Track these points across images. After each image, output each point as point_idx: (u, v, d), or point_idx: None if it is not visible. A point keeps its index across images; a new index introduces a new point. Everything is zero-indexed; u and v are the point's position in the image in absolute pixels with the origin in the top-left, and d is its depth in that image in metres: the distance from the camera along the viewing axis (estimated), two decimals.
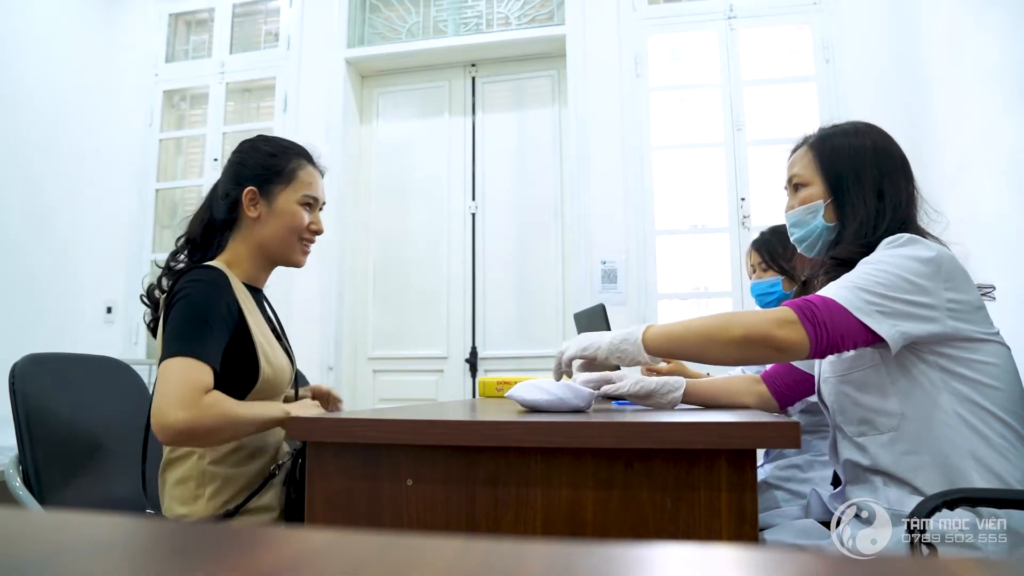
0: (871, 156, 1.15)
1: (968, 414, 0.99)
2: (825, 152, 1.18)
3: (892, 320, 0.98)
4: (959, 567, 0.22)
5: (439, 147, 3.32)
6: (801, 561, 0.23)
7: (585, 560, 0.22)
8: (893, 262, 1.01)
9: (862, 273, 1.02)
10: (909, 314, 0.98)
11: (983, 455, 0.98)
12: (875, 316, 0.97)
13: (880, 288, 0.99)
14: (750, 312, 1.07)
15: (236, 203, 1.26)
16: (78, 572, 0.21)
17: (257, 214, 1.26)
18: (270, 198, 1.26)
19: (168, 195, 3.55)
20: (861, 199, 1.13)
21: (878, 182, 1.13)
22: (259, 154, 1.29)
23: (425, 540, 0.24)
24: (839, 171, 1.16)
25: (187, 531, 0.30)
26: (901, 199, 1.13)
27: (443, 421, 0.86)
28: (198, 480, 1.15)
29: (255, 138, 1.35)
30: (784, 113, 2.95)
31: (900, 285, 0.99)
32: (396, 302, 3.27)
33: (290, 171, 1.28)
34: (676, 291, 3.00)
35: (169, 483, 1.18)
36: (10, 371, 1.21)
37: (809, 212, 1.19)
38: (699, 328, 1.04)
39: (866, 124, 1.21)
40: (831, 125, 1.23)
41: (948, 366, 1.01)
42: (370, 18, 3.41)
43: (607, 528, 0.80)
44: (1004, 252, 1.96)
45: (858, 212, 1.13)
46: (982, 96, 2.15)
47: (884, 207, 1.12)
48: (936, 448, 1.00)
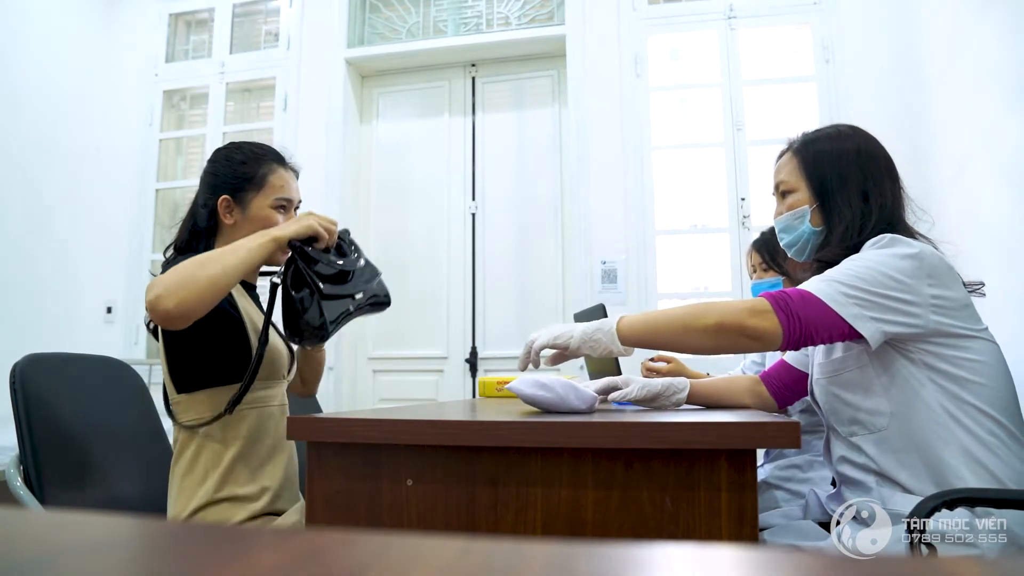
0: (855, 159, 1.15)
1: (956, 411, 1.00)
2: (809, 157, 1.19)
3: (871, 314, 0.98)
4: (958, 567, 0.22)
5: (439, 147, 3.32)
6: (801, 561, 0.23)
7: (585, 560, 0.23)
8: (875, 258, 1.02)
9: (843, 269, 1.03)
10: (889, 308, 0.99)
11: (973, 452, 0.98)
12: (852, 309, 0.98)
13: (860, 283, 0.99)
14: (725, 301, 1.07)
15: (214, 211, 1.29)
16: (78, 572, 0.21)
17: (233, 221, 1.29)
18: (243, 205, 1.29)
19: (168, 195, 3.55)
20: (846, 202, 1.14)
21: (862, 185, 1.14)
22: (230, 163, 1.32)
23: (425, 540, 0.24)
24: (823, 175, 1.17)
25: (187, 531, 0.30)
26: (886, 200, 1.14)
27: (443, 421, 0.86)
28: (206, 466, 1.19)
29: (227, 146, 1.37)
30: (784, 113, 2.95)
31: (881, 281, 0.99)
32: (396, 302, 3.24)
33: (260, 177, 1.30)
34: (676, 291, 3.00)
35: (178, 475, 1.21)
36: (11, 371, 1.22)
37: (796, 217, 1.20)
38: (673, 317, 1.04)
39: (850, 127, 1.21)
40: (815, 130, 1.23)
41: (934, 363, 1.01)
42: (370, 18, 3.41)
43: (607, 528, 0.80)
44: (1003, 251, 1.96)
45: (844, 215, 1.14)
46: (982, 96, 2.15)
47: (870, 209, 1.13)
48: (926, 446, 1.00)
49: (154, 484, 1.39)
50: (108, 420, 1.37)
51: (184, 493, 1.19)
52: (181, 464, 1.21)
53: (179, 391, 1.22)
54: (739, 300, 1.05)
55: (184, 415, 1.22)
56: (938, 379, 1.01)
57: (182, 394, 1.22)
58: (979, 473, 0.97)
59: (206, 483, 1.18)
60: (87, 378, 1.40)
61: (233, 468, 1.19)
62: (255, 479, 1.22)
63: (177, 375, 1.22)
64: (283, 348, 1.33)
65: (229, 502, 1.18)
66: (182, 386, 1.22)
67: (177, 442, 1.23)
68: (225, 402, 1.19)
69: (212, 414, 1.20)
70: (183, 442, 1.22)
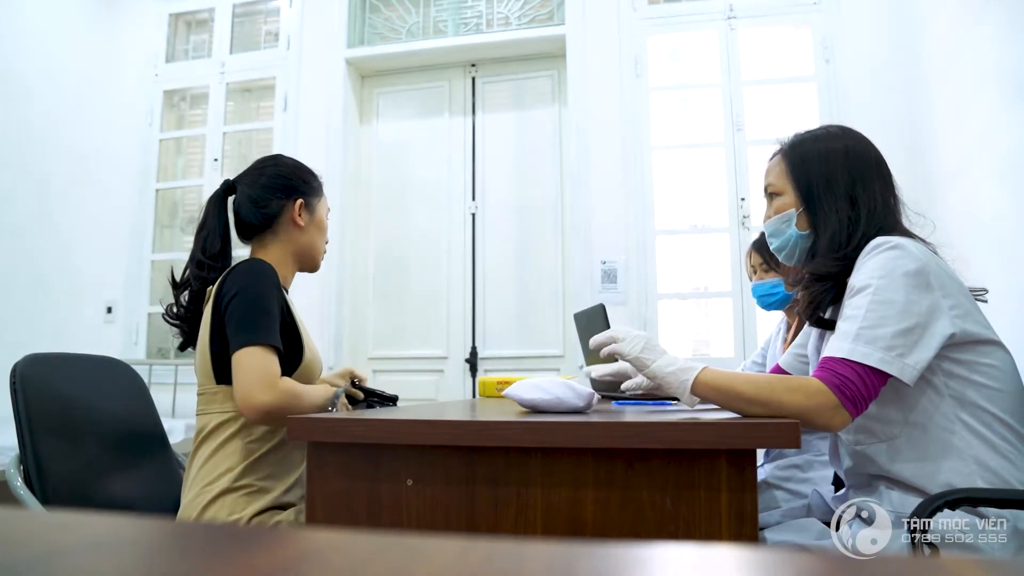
0: (842, 161, 1.12)
1: (971, 419, 0.98)
2: (796, 160, 1.16)
3: (910, 359, 0.96)
4: (960, 567, 0.22)
5: (439, 147, 3.32)
6: (801, 561, 0.23)
7: (585, 560, 0.22)
8: (888, 286, 0.98)
9: (867, 312, 0.98)
10: (921, 340, 0.96)
11: (987, 460, 0.97)
12: (896, 363, 0.95)
13: (890, 325, 0.96)
14: (792, 388, 0.97)
15: (278, 213, 1.38)
16: (78, 572, 0.21)
17: (303, 223, 1.41)
18: (312, 210, 1.43)
19: (168, 195, 3.55)
20: (833, 207, 1.10)
21: (850, 188, 1.11)
22: (301, 170, 1.45)
23: (425, 540, 0.24)
24: (809, 178, 1.13)
25: (187, 531, 0.30)
26: (876, 204, 1.10)
27: (443, 421, 0.86)
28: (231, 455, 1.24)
29: (281, 156, 1.49)
30: (784, 113, 2.95)
31: (904, 312, 0.96)
32: (396, 302, 3.27)
33: (319, 186, 1.47)
34: (676, 291, 3.00)
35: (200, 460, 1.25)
36: (11, 371, 1.21)
37: (783, 221, 1.17)
38: (750, 397, 0.97)
39: (839, 127, 1.18)
40: (805, 131, 1.21)
41: (954, 370, 1.00)
42: (370, 18, 3.41)
43: (607, 528, 0.80)
44: (1002, 252, 1.96)
45: (830, 220, 1.10)
46: (982, 96, 2.15)
47: (857, 214, 1.09)
48: (940, 455, 0.99)
49: (154, 484, 1.39)
50: (108, 420, 1.37)
51: (203, 478, 1.22)
52: (204, 450, 1.25)
53: (219, 382, 1.26)
54: (804, 388, 0.96)
55: (220, 405, 1.26)
56: (955, 386, 1.00)
57: (221, 385, 1.25)
58: (992, 479, 0.96)
59: (230, 472, 1.22)
60: (87, 378, 1.40)
61: (257, 459, 1.24)
62: (275, 473, 1.26)
63: (221, 367, 1.25)
64: (319, 356, 1.41)
65: (246, 491, 1.21)
66: (224, 377, 1.25)
67: (204, 430, 1.26)
68: None
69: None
70: (211, 430, 1.25)
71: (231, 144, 3.50)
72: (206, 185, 3.39)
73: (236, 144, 3.52)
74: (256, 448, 1.24)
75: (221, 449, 1.24)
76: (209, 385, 1.27)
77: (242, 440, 1.24)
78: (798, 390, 0.96)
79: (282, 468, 1.27)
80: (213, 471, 1.22)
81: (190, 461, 1.27)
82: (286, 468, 1.28)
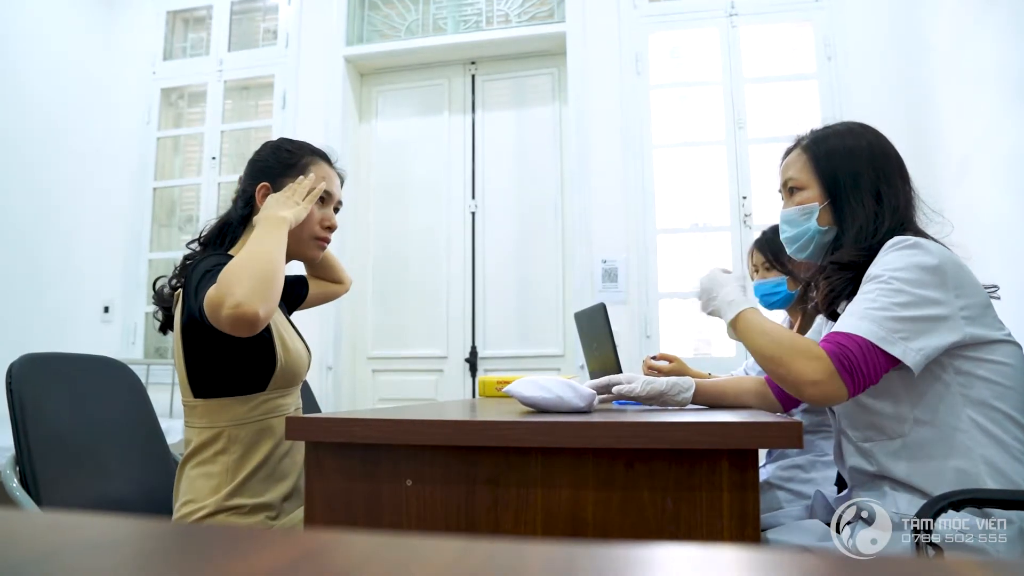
0: (868, 157, 1.13)
1: (983, 419, 0.98)
2: (820, 154, 1.16)
3: (914, 343, 0.96)
4: (962, 568, 0.21)
5: (439, 145, 3.32)
6: (802, 562, 0.23)
7: (585, 561, 0.22)
8: (903, 277, 0.99)
9: (877, 295, 0.99)
10: (929, 332, 0.97)
11: (997, 460, 0.96)
12: (899, 344, 0.96)
13: (898, 310, 0.97)
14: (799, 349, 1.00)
15: (251, 199, 1.27)
16: (76, 572, 0.21)
17: None
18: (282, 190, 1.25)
19: (166, 194, 3.54)
20: (860, 202, 1.11)
21: (875, 184, 1.11)
22: (277, 151, 1.31)
23: (425, 540, 0.24)
24: (836, 174, 1.14)
25: (186, 531, 0.30)
26: (899, 201, 1.11)
27: (443, 421, 0.86)
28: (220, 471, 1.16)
29: (278, 139, 1.36)
30: (785, 111, 2.95)
31: (915, 302, 0.97)
32: (395, 301, 3.27)
33: (302, 166, 1.29)
34: (677, 290, 3.00)
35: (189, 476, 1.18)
36: (7, 371, 1.21)
37: (803, 213, 1.17)
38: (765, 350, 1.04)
39: (860, 124, 1.19)
40: (824, 126, 1.21)
41: (964, 367, 0.99)
42: (369, 15, 3.41)
43: (608, 528, 0.80)
44: (1004, 251, 1.95)
45: (857, 216, 1.11)
46: (983, 94, 2.15)
47: (883, 210, 1.10)
48: (949, 454, 0.98)
49: (151, 484, 1.38)
50: (105, 420, 1.37)
51: (192, 493, 1.16)
52: (192, 464, 1.18)
53: (196, 395, 1.18)
54: (809, 348, 0.99)
55: (200, 419, 1.18)
56: (967, 385, 0.99)
57: (199, 399, 1.18)
58: (1001, 480, 0.95)
59: (217, 493, 1.14)
60: (84, 378, 1.39)
61: (246, 477, 1.16)
62: (266, 488, 1.18)
63: (196, 380, 1.18)
64: (304, 351, 1.30)
65: (237, 512, 1.15)
66: (199, 391, 1.18)
67: (190, 444, 1.19)
68: (243, 411, 1.17)
69: (228, 422, 1.17)
70: (196, 447, 1.18)
71: (229, 142, 3.50)
72: (204, 184, 3.39)
73: (234, 142, 3.52)
74: (242, 465, 1.16)
75: (208, 465, 1.16)
76: (187, 397, 1.19)
77: (228, 457, 1.16)
78: (803, 352, 0.99)
79: (272, 481, 1.19)
80: (203, 487, 1.15)
81: (179, 471, 1.20)
82: (277, 478, 1.20)
